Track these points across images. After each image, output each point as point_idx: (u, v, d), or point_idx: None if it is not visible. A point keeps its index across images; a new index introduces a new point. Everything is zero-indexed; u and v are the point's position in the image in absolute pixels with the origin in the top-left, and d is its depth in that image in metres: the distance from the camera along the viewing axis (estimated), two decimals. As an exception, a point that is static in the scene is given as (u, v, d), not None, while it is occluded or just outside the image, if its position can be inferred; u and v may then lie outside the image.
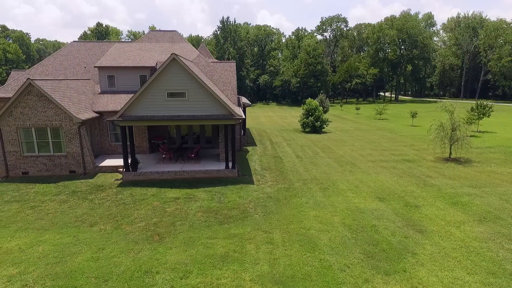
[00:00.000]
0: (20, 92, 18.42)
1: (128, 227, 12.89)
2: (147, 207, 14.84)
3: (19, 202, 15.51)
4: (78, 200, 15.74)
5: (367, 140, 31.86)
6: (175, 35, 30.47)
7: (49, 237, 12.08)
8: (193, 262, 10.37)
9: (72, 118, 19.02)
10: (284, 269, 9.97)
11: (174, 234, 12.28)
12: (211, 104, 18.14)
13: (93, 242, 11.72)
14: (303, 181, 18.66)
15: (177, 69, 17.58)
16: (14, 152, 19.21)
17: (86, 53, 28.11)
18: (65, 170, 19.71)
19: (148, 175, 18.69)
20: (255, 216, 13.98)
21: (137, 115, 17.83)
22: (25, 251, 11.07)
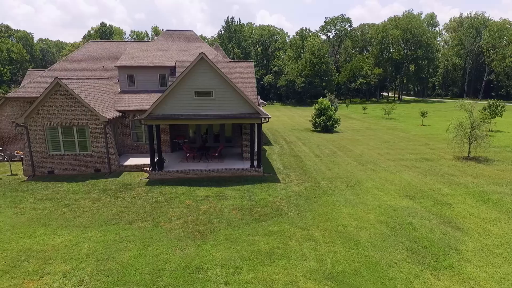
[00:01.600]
0: (48, 91, 18.52)
1: (167, 225, 13.01)
2: (181, 205, 14.96)
3: (51, 200, 15.62)
4: (110, 198, 15.85)
5: (381, 140, 32.03)
6: (191, 34, 30.57)
7: (92, 234, 12.19)
8: (240, 259, 10.50)
9: (99, 117, 19.13)
10: (332, 265, 10.11)
11: (214, 232, 12.41)
12: (238, 103, 18.27)
13: (136, 239, 11.84)
14: (328, 180, 18.80)
15: (205, 69, 17.71)
16: (40, 151, 19.31)
17: (103, 53, 28.21)
18: (90, 168, 19.81)
19: (174, 174, 18.80)
20: (289, 214, 14.11)
21: (165, 114, 17.96)
22: (72, 248, 11.18)
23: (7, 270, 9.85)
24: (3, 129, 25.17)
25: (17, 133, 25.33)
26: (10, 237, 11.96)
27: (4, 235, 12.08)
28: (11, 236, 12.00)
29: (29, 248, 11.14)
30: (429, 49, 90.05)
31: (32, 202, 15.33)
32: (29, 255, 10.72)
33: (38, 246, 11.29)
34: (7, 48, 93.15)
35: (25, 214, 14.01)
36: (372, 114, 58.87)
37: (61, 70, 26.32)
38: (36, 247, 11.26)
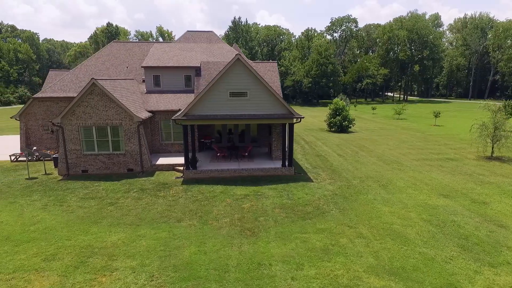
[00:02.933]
0: (84, 92, 18.80)
1: (215, 223, 13.30)
2: (222, 204, 15.25)
3: (94, 199, 15.90)
4: (151, 197, 16.13)
5: (398, 140, 32.33)
6: (212, 35, 30.86)
7: (145, 232, 12.47)
8: (298, 255, 10.79)
9: (133, 117, 19.41)
10: (390, 262, 10.41)
11: (264, 229, 12.70)
12: (272, 104, 18.56)
13: (190, 236, 12.12)
14: (359, 179, 19.10)
15: (240, 69, 18.00)
16: (75, 151, 19.59)
17: (126, 53, 28.48)
18: (123, 168, 20.09)
19: (208, 173, 19.09)
20: (331, 212, 14.41)
21: (200, 114, 18.25)
22: (130, 245, 11.47)
23: (77, 265, 10.14)
24: (30, 128, 25.45)
25: (43, 132, 25.61)
26: (67, 234, 12.24)
27: (61, 233, 12.36)
28: (68, 234, 12.28)
29: (89, 245, 11.43)
30: (434, 50, 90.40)
31: (76, 201, 15.61)
32: (91, 251, 11.00)
33: (97, 243, 11.58)
34: (14, 48, 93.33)
35: (74, 212, 14.28)
36: (381, 114, 59.16)
37: (86, 70, 26.60)
38: (95, 243, 11.54)
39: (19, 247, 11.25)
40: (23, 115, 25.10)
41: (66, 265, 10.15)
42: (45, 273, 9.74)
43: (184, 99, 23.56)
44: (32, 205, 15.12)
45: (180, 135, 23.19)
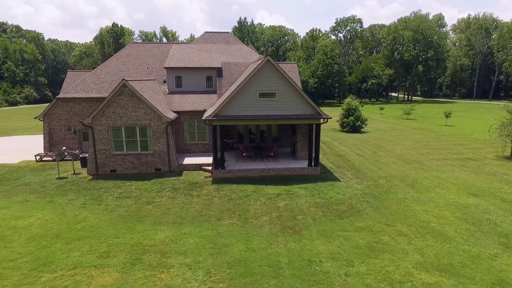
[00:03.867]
0: (115, 92, 19.07)
1: (255, 221, 13.58)
2: (257, 203, 15.52)
3: (130, 198, 16.16)
4: (185, 196, 16.40)
5: (413, 140, 32.60)
6: (229, 36, 31.14)
7: (189, 230, 12.75)
8: (346, 252, 11.08)
9: (162, 118, 19.68)
10: (436, 258, 10.69)
11: (305, 228, 12.98)
12: (300, 104, 18.84)
13: (235, 234, 12.40)
14: (384, 179, 19.38)
15: (270, 71, 18.27)
16: (104, 151, 19.86)
17: (146, 54, 28.75)
18: (151, 168, 20.36)
19: (236, 173, 19.36)
20: (365, 211, 14.69)
21: (230, 115, 18.52)
22: (179, 243, 11.74)
23: (133, 262, 10.41)
24: (53, 129, 25.71)
25: (66, 133, 25.88)
26: (114, 232, 12.51)
27: (107, 231, 12.63)
28: (115, 232, 12.55)
29: (139, 243, 11.70)
30: (439, 50, 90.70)
31: (113, 200, 15.88)
32: (143, 249, 11.28)
33: (146, 241, 11.85)
34: (20, 49, 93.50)
35: (114, 211, 14.55)
36: (389, 114, 59.44)
37: (107, 71, 26.87)
38: (144, 241, 11.82)
39: (71, 245, 11.53)
40: (47, 115, 25.36)
41: (122, 262, 10.43)
42: (104, 270, 10.01)
43: (207, 100, 23.84)
44: (70, 204, 15.38)
45: (203, 135, 23.48)
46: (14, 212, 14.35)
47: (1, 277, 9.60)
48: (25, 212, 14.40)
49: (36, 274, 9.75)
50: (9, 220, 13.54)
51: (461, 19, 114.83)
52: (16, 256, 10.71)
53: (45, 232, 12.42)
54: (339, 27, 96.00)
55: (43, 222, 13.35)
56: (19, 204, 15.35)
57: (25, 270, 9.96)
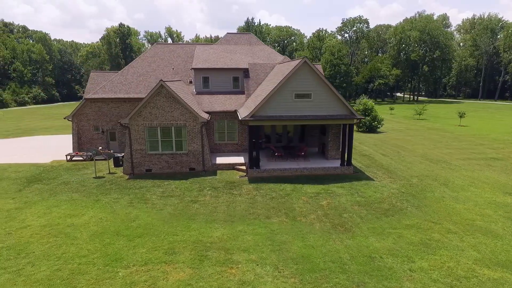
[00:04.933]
0: (152, 93, 19.40)
1: (304, 219, 13.91)
2: (300, 201, 15.86)
3: (173, 197, 16.48)
4: (226, 195, 16.72)
5: (432, 140, 32.93)
6: (252, 37, 31.48)
7: (242, 228, 13.07)
8: (402, 249, 11.41)
9: (198, 118, 20.02)
10: (493, 255, 11.03)
11: (355, 225, 13.31)
12: (334, 104, 19.17)
13: (288, 232, 12.73)
14: (416, 178, 19.71)
15: (306, 72, 18.61)
16: (140, 150, 20.18)
17: (170, 55, 29.06)
18: (185, 167, 20.68)
19: (270, 172, 19.69)
20: (408, 209, 15.02)
21: (266, 115, 18.85)
22: (237, 240, 12.07)
23: (200, 259, 10.74)
24: (81, 129, 26.03)
25: (94, 133, 26.20)
26: (171, 230, 12.83)
27: (163, 228, 12.95)
28: (171, 229, 12.87)
29: (198, 240, 12.03)
30: (445, 50, 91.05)
31: (157, 199, 16.20)
32: (204, 246, 11.60)
33: (205, 238, 12.18)
34: (28, 49, 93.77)
35: (163, 209, 14.87)
36: (399, 115, 59.74)
37: (134, 72, 27.19)
38: (203, 239, 12.14)
39: (133, 242, 11.85)
40: (76, 115, 25.67)
41: (190, 259, 10.75)
42: (175, 265, 10.34)
43: (235, 100, 24.18)
44: (117, 202, 15.70)
45: (232, 136, 23.81)
46: (66, 211, 14.67)
47: (80, 272, 9.92)
48: (76, 210, 14.72)
49: (111, 269, 10.08)
50: (64, 218, 13.86)
51: (465, 19, 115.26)
52: (86, 253, 11.04)
53: (104, 230, 12.75)
54: (346, 27, 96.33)
55: (97, 220, 13.67)
56: (67, 202, 15.67)
57: (100, 265, 10.28)
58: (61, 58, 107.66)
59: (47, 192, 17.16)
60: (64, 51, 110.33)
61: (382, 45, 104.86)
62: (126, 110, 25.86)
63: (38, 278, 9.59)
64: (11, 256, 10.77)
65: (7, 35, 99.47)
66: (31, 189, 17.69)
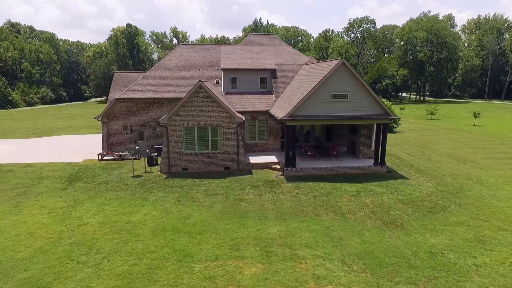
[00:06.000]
0: (191, 93, 19.72)
1: (353, 217, 14.24)
2: (343, 200, 16.18)
3: (217, 195, 16.78)
4: (269, 193, 17.03)
5: (452, 140, 33.27)
6: (275, 38, 31.81)
7: (296, 225, 13.39)
8: (460, 245, 11.75)
9: (234, 118, 20.34)
10: (549, 250, 11.36)
11: (405, 222, 13.64)
12: (370, 104, 19.51)
13: (343, 229, 13.06)
14: (449, 177, 20.03)
15: (343, 73, 18.93)
16: (177, 150, 20.50)
17: (196, 56, 29.38)
18: (220, 166, 21.00)
19: (306, 171, 20.02)
20: (451, 207, 15.35)
21: (304, 115, 19.17)
22: (295, 236, 12.39)
23: (267, 254, 11.06)
24: (111, 128, 26.34)
25: (123, 132, 26.52)
26: (228, 227, 13.15)
27: (219, 225, 13.27)
28: (228, 226, 13.19)
29: (258, 236, 12.35)
30: (452, 50, 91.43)
31: (202, 197, 16.51)
32: (267, 242, 11.93)
33: (263, 235, 12.50)
34: (36, 49, 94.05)
35: (212, 207, 15.19)
36: (410, 115, 60.06)
37: (161, 72, 27.51)
38: (262, 235, 12.47)
39: (195, 238, 12.17)
40: (105, 115, 25.99)
41: (257, 254, 11.07)
42: (245, 261, 10.67)
43: (264, 100, 24.50)
44: (164, 200, 16.01)
45: (262, 135, 24.14)
46: (117, 208, 14.99)
47: (157, 266, 10.24)
48: (128, 208, 15.03)
49: (185, 264, 10.40)
50: (119, 215, 14.18)
51: (470, 20, 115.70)
52: (154, 249, 11.36)
53: (163, 227, 13.06)
54: (353, 27, 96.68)
55: (153, 217, 13.99)
56: (116, 200, 15.99)
57: (172, 261, 10.60)
58: (68, 58, 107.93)
59: (92, 191, 17.47)
60: (71, 51, 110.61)
61: (388, 45, 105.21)
62: (155, 110, 26.21)
63: (119, 272, 9.92)
64: (84, 252, 11.10)
65: (14, 35, 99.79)
66: (74, 188, 18.00)
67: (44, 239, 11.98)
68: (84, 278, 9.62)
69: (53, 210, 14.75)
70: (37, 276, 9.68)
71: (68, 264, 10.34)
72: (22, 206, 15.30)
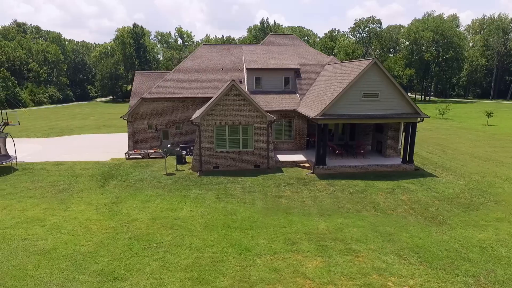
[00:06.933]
0: (223, 93, 20.05)
1: (394, 213, 14.57)
2: (379, 196, 16.50)
3: (255, 192, 17.09)
4: (306, 191, 17.35)
5: (468, 139, 33.60)
6: (294, 38, 32.14)
7: (341, 221, 13.71)
8: (508, 240, 12.06)
9: (265, 117, 20.67)
10: None
11: (447, 218, 13.97)
12: (400, 103, 19.84)
13: (387, 224, 13.38)
14: (477, 175, 20.36)
15: (375, 72, 19.26)
16: (208, 148, 20.83)
17: (218, 55, 29.69)
18: (250, 164, 21.32)
19: (336, 169, 20.35)
20: (487, 204, 15.69)
21: (336, 114, 19.50)
22: (343, 231, 12.71)
23: (323, 248, 11.38)
24: (136, 128, 26.68)
25: (148, 131, 26.85)
26: (276, 222, 13.46)
27: (267, 221, 13.58)
28: (276, 222, 13.50)
29: (308, 231, 12.67)
30: (458, 50, 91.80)
31: (241, 194, 16.83)
32: (318, 236, 12.25)
33: (312, 230, 12.83)
34: (43, 49, 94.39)
35: (254, 204, 15.51)
36: (420, 114, 60.37)
37: (185, 72, 27.84)
38: (311, 230, 12.79)
39: (248, 233, 12.49)
40: (131, 115, 26.32)
41: (313, 248, 11.40)
42: (304, 254, 10.99)
43: (289, 100, 24.82)
44: (205, 197, 16.33)
45: (288, 134, 24.47)
46: (161, 205, 15.31)
47: (220, 260, 10.57)
48: (172, 204, 15.36)
49: (246, 257, 10.72)
50: (165, 211, 14.50)
51: (475, 20, 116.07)
52: (211, 243, 11.68)
53: (212, 223, 13.38)
54: (359, 27, 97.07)
55: (199, 213, 14.31)
56: (157, 197, 16.31)
57: (233, 254, 10.93)
58: (74, 58, 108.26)
59: (130, 188, 17.78)
60: (77, 51, 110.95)
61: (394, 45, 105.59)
62: (179, 109, 26.57)
63: (186, 265, 10.24)
64: (145, 246, 11.42)
65: (21, 35, 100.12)
66: (111, 185, 18.32)
67: (101, 234, 12.30)
68: (154, 270, 9.94)
69: (99, 207, 15.08)
70: (109, 268, 10.00)
71: (134, 257, 10.66)
72: (68, 202, 15.62)
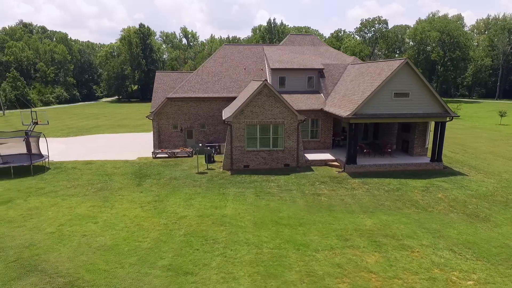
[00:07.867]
0: (256, 93, 20.29)
1: (435, 210, 14.82)
2: (415, 194, 16.73)
3: (292, 190, 17.33)
4: (341, 189, 17.58)
5: (486, 138, 33.82)
6: (314, 38, 32.40)
7: (386, 218, 13.95)
8: (554, 236, 12.30)
9: (296, 116, 20.91)
10: None
11: (488, 215, 14.22)
12: (430, 103, 20.09)
13: (433, 221, 13.62)
14: (505, 173, 20.59)
15: (406, 72, 19.51)
16: (239, 147, 21.07)
17: (239, 55, 29.94)
18: (280, 163, 21.57)
19: (367, 168, 20.59)
20: (524, 201, 15.92)
21: (368, 113, 19.74)
22: (391, 228, 12.95)
23: (377, 244, 11.61)
24: (161, 127, 26.93)
25: (173, 131, 27.11)
26: (322, 219, 13.70)
27: (314, 218, 13.82)
28: (322, 219, 13.74)
29: (357, 228, 12.92)
30: (465, 50, 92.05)
31: (279, 192, 17.06)
32: (368, 233, 12.49)
33: (360, 227, 13.07)
34: (50, 49, 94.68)
35: (295, 202, 15.75)
36: (430, 114, 60.63)
37: (208, 72, 28.09)
38: (359, 227, 13.03)
39: (299, 230, 12.72)
40: (156, 114, 26.56)
41: (366, 244, 11.65)
42: (360, 250, 11.23)
43: (314, 99, 25.07)
44: (244, 195, 16.57)
45: (315, 133, 24.71)
46: (204, 203, 15.55)
47: (280, 255, 10.80)
48: (214, 202, 15.60)
49: (305, 253, 10.97)
50: (211, 209, 14.74)
51: (480, 20, 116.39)
52: (266, 239, 11.92)
53: (261, 220, 13.62)
54: (365, 27, 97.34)
55: (244, 211, 14.55)
56: (198, 195, 16.54)
57: (291, 250, 11.17)
58: (80, 59, 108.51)
59: (166, 187, 18.02)
60: (83, 52, 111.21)
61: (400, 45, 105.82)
62: (204, 109, 26.84)
63: (249, 260, 10.48)
64: (203, 242, 11.66)
65: (27, 35, 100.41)
66: (147, 184, 18.56)
67: (156, 231, 12.54)
68: (220, 265, 10.18)
69: (144, 204, 15.31)
70: (176, 263, 10.24)
71: (196, 253, 10.90)
72: (111, 200, 15.86)
